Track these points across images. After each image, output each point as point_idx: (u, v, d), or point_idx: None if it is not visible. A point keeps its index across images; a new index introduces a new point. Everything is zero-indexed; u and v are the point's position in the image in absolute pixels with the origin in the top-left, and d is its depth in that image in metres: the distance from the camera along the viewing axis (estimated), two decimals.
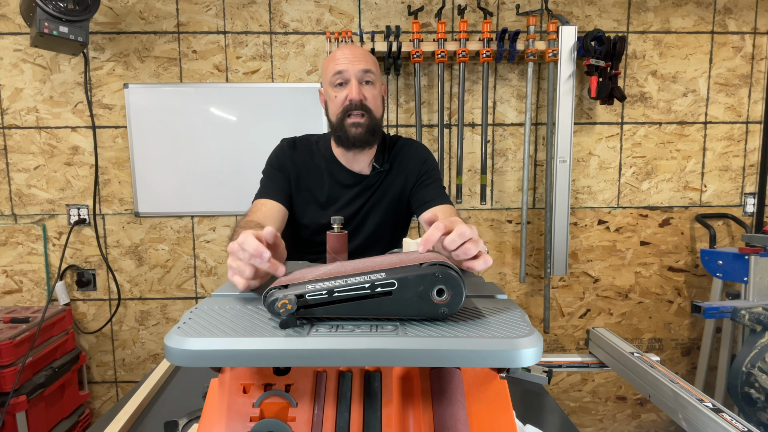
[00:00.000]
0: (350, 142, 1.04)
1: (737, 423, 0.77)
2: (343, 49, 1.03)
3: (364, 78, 1.02)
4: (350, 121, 1.02)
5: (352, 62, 1.00)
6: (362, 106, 1.01)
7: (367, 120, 1.02)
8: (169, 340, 0.42)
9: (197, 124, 1.96)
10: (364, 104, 1.01)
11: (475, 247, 0.57)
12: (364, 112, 1.02)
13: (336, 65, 1.01)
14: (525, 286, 2.12)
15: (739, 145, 2.08)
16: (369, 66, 1.02)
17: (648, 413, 2.20)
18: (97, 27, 1.92)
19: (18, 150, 1.95)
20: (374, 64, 1.04)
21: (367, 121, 1.02)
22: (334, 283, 0.45)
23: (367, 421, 0.46)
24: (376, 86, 1.05)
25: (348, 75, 1.01)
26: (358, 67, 1.00)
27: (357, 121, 1.02)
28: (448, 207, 1.06)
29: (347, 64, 1.00)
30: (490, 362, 0.41)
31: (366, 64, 1.01)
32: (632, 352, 1.12)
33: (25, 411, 1.61)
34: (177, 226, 2.03)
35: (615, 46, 1.89)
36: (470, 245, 0.56)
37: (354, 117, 1.01)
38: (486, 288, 0.63)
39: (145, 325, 2.07)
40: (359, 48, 1.04)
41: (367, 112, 1.02)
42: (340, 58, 1.02)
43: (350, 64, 1.00)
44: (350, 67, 1.00)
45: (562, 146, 1.91)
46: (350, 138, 1.03)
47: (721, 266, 1.85)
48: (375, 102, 1.04)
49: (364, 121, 1.02)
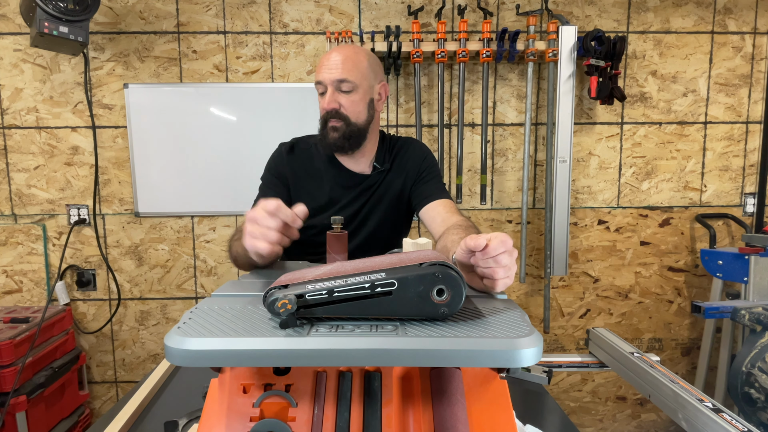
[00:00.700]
0: (329, 146, 1.07)
1: (737, 423, 0.77)
2: (327, 56, 1.04)
3: (340, 87, 1.03)
4: (329, 126, 1.05)
5: (330, 71, 1.02)
6: (337, 114, 1.04)
7: (343, 125, 1.05)
8: (169, 340, 0.42)
9: (197, 124, 1.96)
10: (339, 112, 1.04)
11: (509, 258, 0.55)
12: (340, 118, 1.04)
13: (318, 73, 1.04)
14: (525, 286, 2.12)
15: (739, 145, 2.08)
16: (345, 75, 1.02)
17: (648, 413, 2.20)
18: (97, 27, 1.92)
19: (18, 150, 1.95)
20: (355, 69, 1.03)
21: (343, 127, 1.05)
22: (334, 283, 0.45)
23: (367, 421, 0.46)
24: (357, 93, 1.05)
25: (325, 84, 1.03)
26: (335, 76, 1.02)
27: (334, 125, 1.05)
28: (448, 201, 1.07)
29: (325, 73, 1.03)
30: (490, 362, 0.41)
31: (342, 74, 1.02)
32: (632, 352, 1.12)
33: (25, 411, 1.61)
34: (177, 226, 2.03)
35: (615, 46, 1.89)
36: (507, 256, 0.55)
37: (332, 122, 1.05)
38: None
39: (145, 325, 2.07)
40: (343, 52, 1.03)
41: (344, 120, 1.05)
42: (322, 65, 1.04)
43: (327, 73, 1.02)
44: (327, 76, 1.02)
45: (562, 146, 1.91)
46: (328, 142, 1.06)
47: (721, 266, 1.85)
48: (353, 108, 1.05)
49: (340, 126, 1.05)
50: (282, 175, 1.12)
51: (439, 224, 1.00)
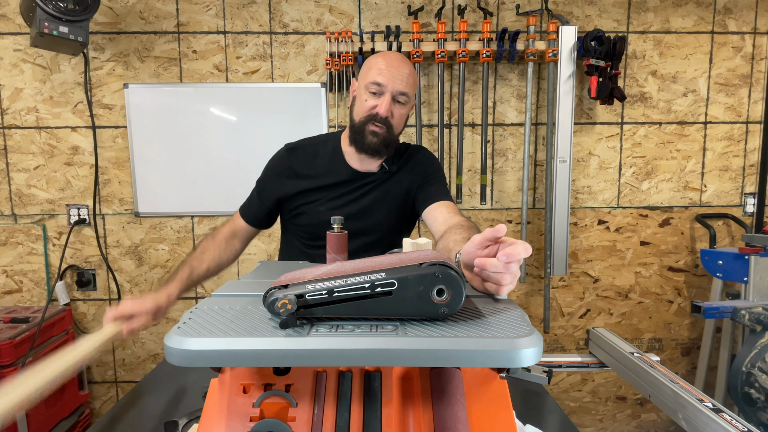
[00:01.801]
0: (363, 147, 1.07)
1: (737, 423, 0.77)
2: (390, 59, 1.04)
3: (398, 98, 1.05)
4: (370, 128, 1.05)
5: (394, 80, 1.03)
6: (385, 121, 1.05)
7: (385, 132, 1.06)
8: (169, 340, 0.42)
9: (197, 124, 1.96)
10: (388, 120, 1.05)
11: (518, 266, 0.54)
12: (386, 126, 1.05)
13: (378, 75, 1.03)
14: (525, 286, 2.12)
15: (739, 145, 2.08)
16: (407, 89, 1.04)
17: (648, 413, 2.20)
18: (97, 27, 1.92)
19: (18, 150, 1.95)
20: (413, 86, 1.07)
21: (385, 134, 1.06)
22: (334, 283, 0.45)
23: (367, 421, 0.46)
24: (407, 107, 1.09)
25: (385, 90, 1.03)
26: (398, 87, 1.03)
27: (376, 130, 1.05)
28: (450, 203, 1.09)
29: (389, 80, 1.03)
30: (490, 362, 0.41)
31: (405, 87, 1.04)
32: (632, 352, 1.12)
33: (24, 411, 1.61)
34: (177, 226, 2.03)
35: (615, 46, 1.88)
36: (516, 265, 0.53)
37: (375, 126, 1.05)
38: None
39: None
40: (407, 65, 1.06)
41: (389, 127, 1.06)
42: (384, 69, 1.03)
43: (391, 81, 1.03)
44: (390, 84, 1.03)
45: (562, 146, 1.91)
46: (365, 144, 1.06)
47: (721, 266, 1.85)
48: (399, 120, 1.08)
49: (382, 132, 1.05)
50: (276, 178, 1.14)
51: (440, 224, 1.00)
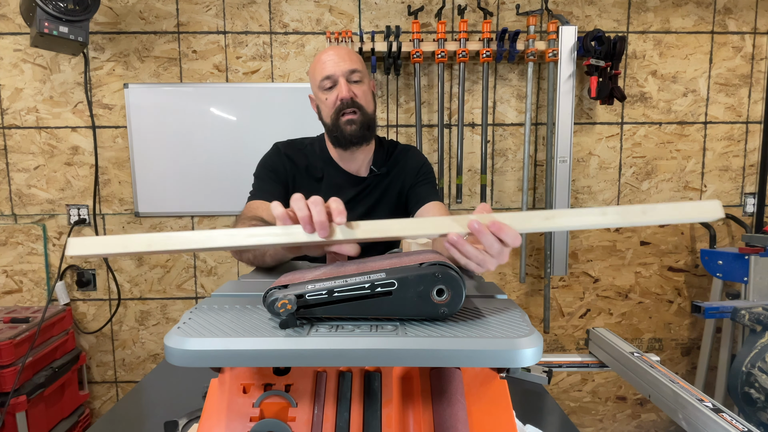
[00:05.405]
0: (347, 140, 1.05)
1: (737, 423, 0.77)
2: (326, 53, 1.04)
3: (351, 77, 1.03)
4: (344, 119, 1.03)
5: (338, 64, 1.02)
6: (354, 104, 1.03)
7: (360, 116, 1.04)
8: (169, 340, 0.42)
9: (197, 124, 1.96)
10: (355, 101, 1.03)
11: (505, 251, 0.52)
12: (356, 109, 1.03)
13: (323, 70, 1.03)
14: (525, 286, 2.12)
15: (739, 145, 2.08)
16: (355, 65, 1.03)
17: (648, 413, 2.20)
18: (97, 27, 1.92)
19: (18, 150, 1.95)
20: (360, 62, 1.06)
21: (360, 118, 1.04)
22: (334, 283, 0.45)
23: (367, 421, 0.46)
24: (365, 83, 1.07)
25: (336, 77, 1.02)
26: (345, 68, 1.02)
27: (350, 118, 1.03)
28: (440, 203, 1.09)
29: (333, 66, 1.02)
30: (490, 362, 0.41)
31: (352, 64, 1.03)
32: (632, 352, 1.12)
33: (25, 411, 1.61)
34: (177, 226, 2.03)
35: (615, 46, 1.88)
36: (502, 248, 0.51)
37: (347, 115, 1.03)
38: (486, 288, 0.63)
39: (145, 325, 2.07)
40: (342, 48, 1.05)
41: (359, 109, 1.04)
42: (326, 61, 1.03)
43: (336, 66, 1.02)
44: (336, 68, 1.02)
45: (562, 146, 1.91)
46: (346, 136, 1.04)
47: (721, 266, 1.85)
48: (365, 98, 1.06)
49: (357, 117, 1.04)
50: (278, 170, 1.11)
51: None
